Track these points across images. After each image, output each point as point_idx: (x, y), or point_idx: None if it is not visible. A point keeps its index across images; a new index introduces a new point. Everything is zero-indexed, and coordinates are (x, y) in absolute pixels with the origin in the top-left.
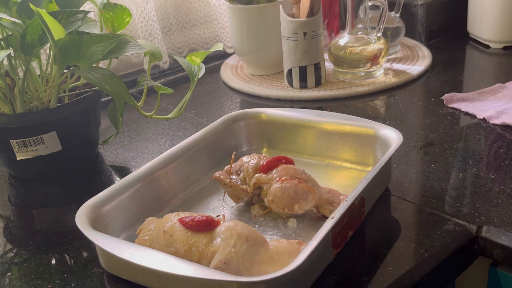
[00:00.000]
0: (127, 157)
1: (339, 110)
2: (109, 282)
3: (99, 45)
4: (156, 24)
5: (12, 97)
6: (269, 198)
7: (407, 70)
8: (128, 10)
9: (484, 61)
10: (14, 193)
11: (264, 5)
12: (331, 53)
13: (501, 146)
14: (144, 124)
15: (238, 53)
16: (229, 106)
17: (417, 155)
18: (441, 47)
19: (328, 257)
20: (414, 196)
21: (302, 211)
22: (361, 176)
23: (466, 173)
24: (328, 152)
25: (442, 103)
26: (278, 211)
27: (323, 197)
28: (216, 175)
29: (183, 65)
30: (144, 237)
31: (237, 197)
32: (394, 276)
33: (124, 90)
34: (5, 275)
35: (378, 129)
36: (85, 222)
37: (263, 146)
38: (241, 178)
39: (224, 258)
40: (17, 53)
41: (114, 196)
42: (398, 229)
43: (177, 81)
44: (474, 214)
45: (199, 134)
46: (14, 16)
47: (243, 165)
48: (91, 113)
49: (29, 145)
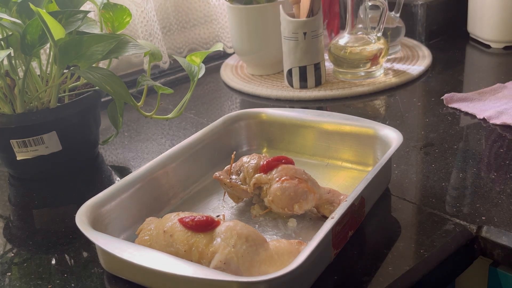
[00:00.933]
0: (127, 157)
1: (339, 110)
2: (109, 282)
3: (99, 45)
4: (156, 24)
5: (12, 97)
6: (269, 198)
7: (407, 70)
8: (128, 10)
9: (484, 61)
10: (14, 193)
11: (264, 5)
12: (331, 53)
13: (501, 146)
14: (144, 124)
15: (238, 53)
16: (229, 106)
17: (417, 155)
18: (441, 47)
19: (328, 257)
20: (414, 196)
21: (302, 211)
22: (361, 176)
23: (466, 173)
24: (328, 152)
25: (442, 103)
26: (278, 211)
27: (323, 197)
28: (216, 175)
29: (183, 65)
30: (144, 237)
31: (237, 197)
32: (394, 276)
33: (124, 90)
34: (5, 275)
35: (378, 129)
36: (85, 222)
37: (263, 146)
38: (241, 178)
39: (224, 258)
40: (17, 53)
41: (114, 196)
42: (398, 229)
43: (177, 81)
44: (474, 214)
45: (199, 134)
46: (14, 16)
47: (243, 165)
48: (91, 113)
49: (29, 145)
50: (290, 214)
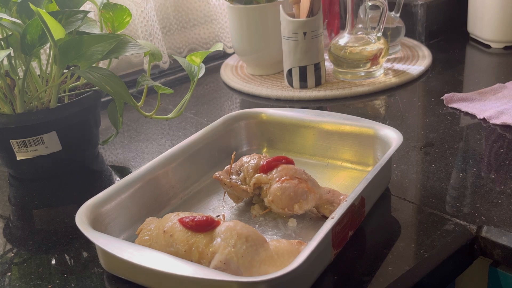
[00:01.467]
0: (127, 157)
1: (339, 110)
2: (109, 282)
3: (99, 45)
4: (156, 24)
5: (12, 97)
6: (269, 198)
7: (407, 70)
8: (128, 10)
9: (484, 61)
10: (14, 193)
11: (264, 5)
12: (331, 53)
13: (501, 146)
14: (144, 124)
15: (238, 53)
16: (229, 106)
17: (417, 155)
18: (441, 47)
19: (328, 257)
20: (414, 196)
21: (302, 211)
22: (361, 176)
23: (466, 173)
24: (328, 152)
25: (442, 103)
26: (278, 211)
27: (323, 197)
28: (216, 175)
29: (183, 65)
30: (144, 237)
31: (237, 197)
32: (394, 276)
33: (124, 90)
34: (5, 275)
35: (378, 129)
36: (85, 222)
37: (263, 146)
38: (241, 178)
39: (224, 258)
40: (17, 53)
41: (114, 196)
42: (398, 229)
43: (177, 81)
44: (474, 214)
45: (199, 134)
46: (14, 16)
47: (243, 165)
48: (91, 113)
49: (29, 145)
50: (290, 214)
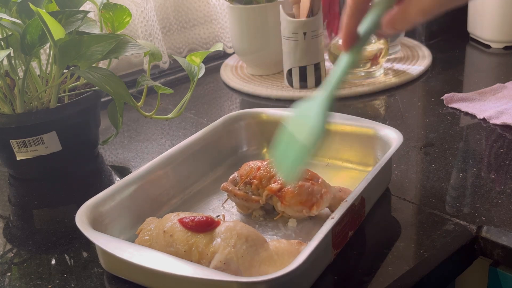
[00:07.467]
0: (127, 157)
1: (339, 110)
2: (109, 282)
3: (99, 45)
4: (156, 24)
5: (12, 97)
6: (284, 203)
7: (407, 70)
8: (128, 10)
9: (484, 61)
10: (14, 193)
11: (264, 5)
12: (331, 53)
13: (501, 146)
14: (144, 124)
15: (238, 53)
16: (229, 106)
17: (417, 155)
18: (441, 47)
19: (328, 257)
20: (414, 196)
21: (318, 212)
22: (361, 176)
23: (466, 173)
24: (328, 152)
25: (442, 103)
26: (294, 214)
27: (336, 196)
28: (225, 187)
29: (183, 65)
30: (144, 237)
31: (246, 207)
32: (394, 276)
33: (124, 90)
34: (5, 275)
35: (378, 129)
36: (85, 222)
37: (263, 146)
38: (253, 188)
39: (224, 258)
40: (17, 53)
41: (114, 196)
42: (398, 229)
43: (177, 81)
44: (474, 214)
45: (199, 134)
46: (14, 16)
47: (251, 173)
48: (91, 113)
49: (29, 145)
50: (305, 216)
